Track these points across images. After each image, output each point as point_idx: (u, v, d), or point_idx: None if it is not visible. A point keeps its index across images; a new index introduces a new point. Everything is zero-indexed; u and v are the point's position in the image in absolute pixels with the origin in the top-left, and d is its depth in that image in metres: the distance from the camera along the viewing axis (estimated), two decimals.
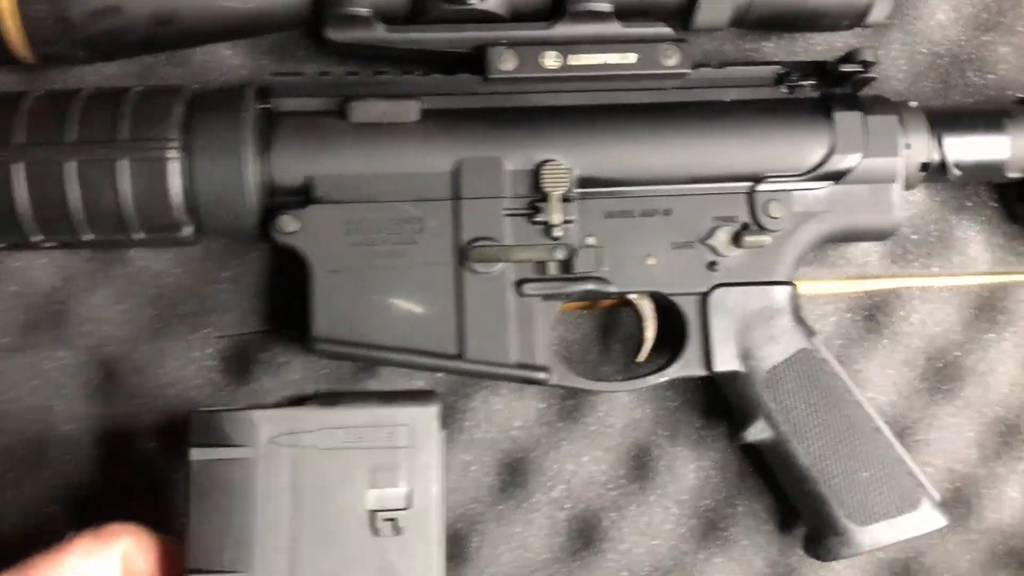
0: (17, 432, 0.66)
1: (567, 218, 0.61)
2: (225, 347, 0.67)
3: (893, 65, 0.72)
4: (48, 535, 0.64)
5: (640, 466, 0.68)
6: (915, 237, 0.71)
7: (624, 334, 0.69)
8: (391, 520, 0.51)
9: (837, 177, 0.63)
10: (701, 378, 0.64)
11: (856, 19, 0.65)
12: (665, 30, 0.63)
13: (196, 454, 0.51)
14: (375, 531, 0.51)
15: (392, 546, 0.51)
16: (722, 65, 0.65)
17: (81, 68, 0.68)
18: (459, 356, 0.60)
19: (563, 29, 0.62)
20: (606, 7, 0.63)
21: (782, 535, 0.68)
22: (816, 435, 0.62)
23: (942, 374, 0.71)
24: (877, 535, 0.62)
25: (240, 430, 0.51)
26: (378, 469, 0.51)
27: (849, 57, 0.63)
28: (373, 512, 0.51)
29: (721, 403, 0.67)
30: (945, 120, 0.65)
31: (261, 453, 0.51)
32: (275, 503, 0.51)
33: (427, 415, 0.52)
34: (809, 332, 0.64)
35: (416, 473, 0.51)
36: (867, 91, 0.65)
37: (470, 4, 0.61)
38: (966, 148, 0.65)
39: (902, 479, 0.62)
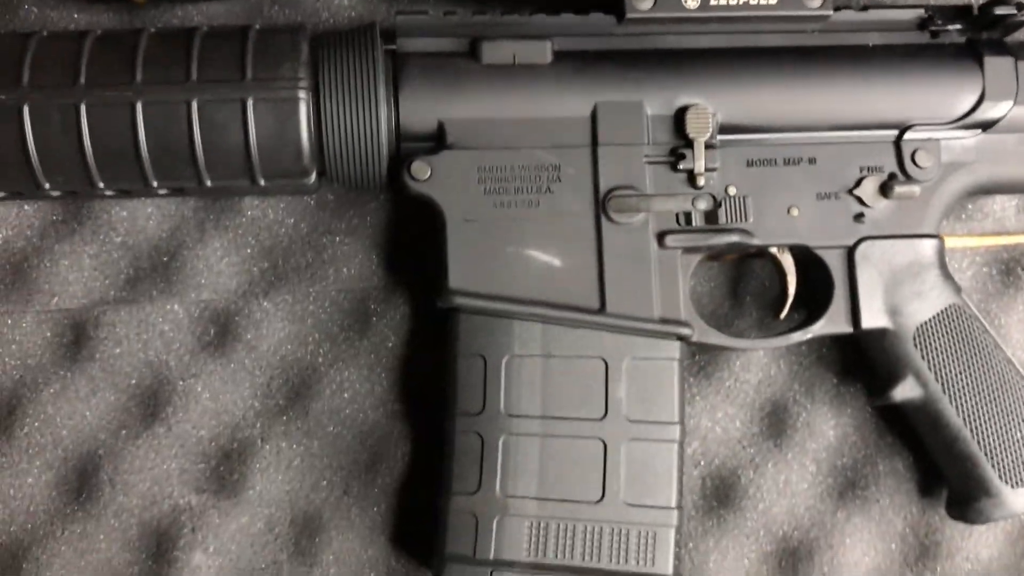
0: (130, 388, 0.64)
1: (710, 166, 0.59)
2: (343, 301, 0.65)
3: None
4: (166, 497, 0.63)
5: (776, 423, 0.67)
6: None
7: (756, 286, 0.67)
8: None
9: (987, 126, 0.61)
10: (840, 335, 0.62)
11: None
12: None
13: None
14: None
15: None
16: (865, 8, 0.63)
17: (184, 7, 0.65)
18: (600, 310, 0.58)
19: None
20: None
21: (923, 495, 0.66)
22: (968, 393, 0.60)
23: None
24: None
25: None
26: None
27: None
28: None
29: (858, 359, 0.65)
30: None
31: None
32: None
33: None
34: (957, 287, 0.62)
35: None
36: (1013, 37, 0.63)
37: None
38: None
39: None
